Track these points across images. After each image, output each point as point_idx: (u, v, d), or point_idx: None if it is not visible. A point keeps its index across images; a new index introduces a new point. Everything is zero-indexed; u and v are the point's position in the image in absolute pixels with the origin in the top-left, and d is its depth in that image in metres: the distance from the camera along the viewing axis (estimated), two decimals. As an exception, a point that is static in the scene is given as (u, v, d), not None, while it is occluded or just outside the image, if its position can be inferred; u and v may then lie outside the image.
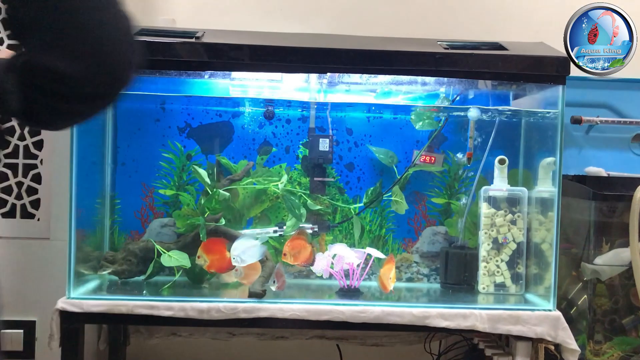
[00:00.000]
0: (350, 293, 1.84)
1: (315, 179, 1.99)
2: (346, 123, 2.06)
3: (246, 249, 1.78)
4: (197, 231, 1.87)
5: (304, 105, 2.02)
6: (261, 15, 2.17)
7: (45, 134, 1.98)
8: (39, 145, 1.98)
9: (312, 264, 1.87)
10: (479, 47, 1.82)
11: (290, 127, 2.06)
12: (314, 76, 1.91)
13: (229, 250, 1.81)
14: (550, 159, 1.83)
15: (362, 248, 1.92)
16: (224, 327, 2.02)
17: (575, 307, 1.93)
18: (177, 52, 1.71)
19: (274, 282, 1.76)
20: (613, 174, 2.08)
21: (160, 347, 2.16)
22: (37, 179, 1.98)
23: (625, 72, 1.98)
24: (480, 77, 1.78)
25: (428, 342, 2.13)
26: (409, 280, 2.07)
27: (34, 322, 1.97)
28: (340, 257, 1.85)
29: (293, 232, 1.91)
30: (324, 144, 1.98)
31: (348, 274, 1.87)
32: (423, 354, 2.16)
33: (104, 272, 1.84)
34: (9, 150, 1.97)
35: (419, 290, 2.00)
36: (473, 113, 1.94)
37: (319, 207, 2.03)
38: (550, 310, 1.72)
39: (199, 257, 1.82)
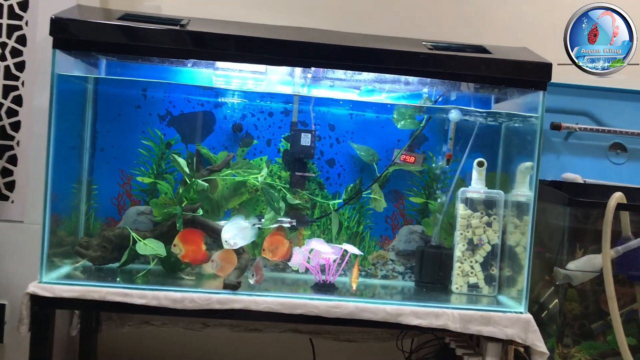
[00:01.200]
0: (325, 288, 1.85)
1: (296, 173, 1.99)
2: (329, 119, 2.06)
3: (238, 232, 1.78)
4: (174, 220, 1.86)
5: (287, 98, 2.01)
6: (247, 7, 2.16)
7: (22, 115, 1.94)
8: (15, 126, 1.95)
9: (289, 260, 1.87)
10: (463, 49, 1.83)
11: (273, 120, 2.05)
12: (298, 70, 1.90)
13: (205, 243, 1.80)
14: (528, 164, 1.85)
15: (339, 244, 1.92)
16: (197, 318, 2.01)
17: (546, 311, 1.96)
18: (161, 39, 1.70)
19: (252, 275, 1.76)
20: (589, 181, 2.11)
21: (132, 336, 2.14)
22: (13, 160, 1.95)
23: (607, 82, 2.01)
24: (462, 79, 1.79)
25: (400, 339, 2.15)
26: (384, 277, 2.08)
27: (4, 305, 1.93)
28: (317, 252, 1.85)
29: (272, 226, 1.91)
30: (305, 139, 1.97)
31: (324, 269, 1.87)
32: (395, 351, 2.17)
33: (78, 264, 1.82)
34: (-15, 130, 1.94)
35: (394, 288, 2.01)
36: (454, 115, 1.96)
37: (298, 201, 2.03)
38: (521, 312, 1.74)
39: (174, 246, 1.82)
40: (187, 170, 1.90)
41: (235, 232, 1.78)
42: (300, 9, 2.18)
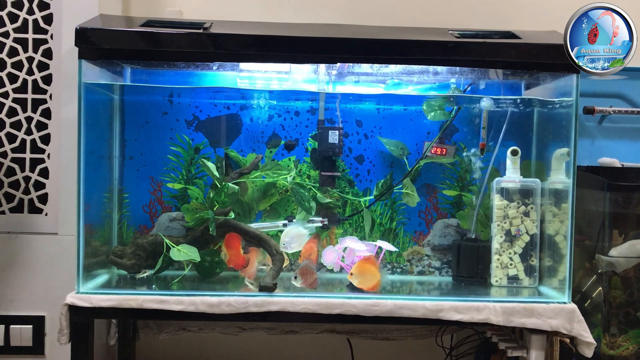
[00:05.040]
0: (361, 286, 1.82)
1: (322, 173, 1.97)
2: (355, 115, 2.04)
3: (295, 237, 1.81)
4: (206, 225, 1.85)
5: (313, 96, 2.00)
6: (269, 6, 2.15)
7: (52, 128, 1.96)
8: (45, 139, 1.96)
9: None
10: (491, 36, 1.79)
11: (299, 119, 2.03)
12: (322, 67, 1.88)
13: (243, 247, 1.80)
14: (563, 150, 1.80)
15: (373, 241, 1.89)
16: (233, 322, 2.00)
17: (589, 300, 1.90)
18: (185, 44, 1.69)
19: (295, 277, 1.74)
20: (627, 164, 2.05)
21: (169, 342, 2.14)
22: (45, 173, 1.97)
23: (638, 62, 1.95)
24: (493, 65, 1.75)
25: (440, 335, 2.11)
26: (420, 273, 2.05)
27: (43, 317, 1.95)
28: (351, 250, 1.83)
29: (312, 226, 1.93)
30: (333, 136, 1.95)
31: (359, 267, 1.84)
32: (435, 348, 2.14)
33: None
34: (16, 144, 1.95)
35: (431, 284, 1.98)
36: (486, 103, 1.92)
37: (328, 200, 2.00)
38: (565, 302, 1.69)
39: (221, 251, 1.85)
40: (216, 174, 1.89)
41: (293, 236, 1.80)
42: (321, 4, 2.16)
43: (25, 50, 1.94)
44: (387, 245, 1.85)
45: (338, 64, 1.81)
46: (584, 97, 2.07)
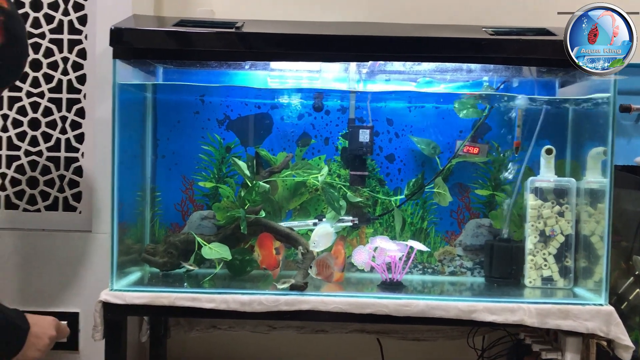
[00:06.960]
0: (392, 286, 1.81)
1: (351, 172, 1.96)
2: (386, 113, 2.02)
3: (323, 236, 1.82)
4: (237, 223, 1.86)
5: (344, 95, 1.99)
6: (300, 5, 2.15)
7: (85, 127, 1.98)
8: (80, 138, 1.99)
9: (341, 269, 1.85)
10: (525, 33, 1.76)
11: (330, 118, 2.03)
12: (353, 66, 1.87)
13: (276, 248, 1.82)
14: (599, 149, 1.76)
15: (404, 241, 1.88)
16: (264, 320, 2.00)
17: (626, 302, 1.86)
18: (217, 43, 1.70)
19: (310, 267, 1.75)
20: (665, 164, 2.00)
21: (200, 340, 2.16)
22: (79, 172, 1.99)
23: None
24: (527, 63, 1.73)
25: (471, 337, 2.09)
26: (452, 274, 2.03)
27: (77, 313, 1.98)
28: (381, 249, 1.82)
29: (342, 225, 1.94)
30: (364, 135, 1.94)
31: (390, 267, 1.83)
32: (466, 349, 2.11)
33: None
34: (51, 143, 1.99)
35: (463, 284, 1.96)
36: (521, 101, 1.89)
37: (358, 199, 2.00)
38: (602, 304, 1.66)
39: (252, 249, 1.85)
40: (247, 173, 1.90)
41: (321, 235, 1.81)
42: (352, 2, 2.15)
43: (61, 50, 1.97)
44: (418, 245, 1.83)
45: (369, 63, 1.80)
46: (620, 94, 2.01)
